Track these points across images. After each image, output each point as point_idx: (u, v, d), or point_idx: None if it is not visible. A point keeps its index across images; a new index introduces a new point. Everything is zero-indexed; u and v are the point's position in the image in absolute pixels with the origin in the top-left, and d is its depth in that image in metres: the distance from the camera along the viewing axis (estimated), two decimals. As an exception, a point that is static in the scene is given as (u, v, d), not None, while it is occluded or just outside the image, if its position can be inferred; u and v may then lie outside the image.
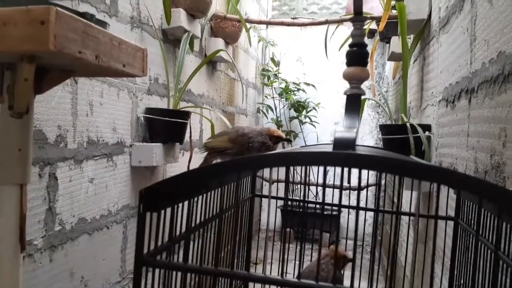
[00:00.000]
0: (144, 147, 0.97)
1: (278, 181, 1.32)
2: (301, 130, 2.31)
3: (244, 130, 0.94)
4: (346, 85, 0.50)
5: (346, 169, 0.33)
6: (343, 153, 0.32)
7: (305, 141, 2.32)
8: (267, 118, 2.29)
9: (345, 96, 0.51)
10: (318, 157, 0.32)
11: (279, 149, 2.64)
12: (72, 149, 0.78)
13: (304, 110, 2.25)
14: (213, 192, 0.50)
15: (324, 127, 2.35)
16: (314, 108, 2.24)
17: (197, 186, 0.42)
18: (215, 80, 1.58)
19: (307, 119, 2.26)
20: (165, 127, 1.01)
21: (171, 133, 1.02)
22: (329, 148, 0.40)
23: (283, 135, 0.95)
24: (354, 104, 0.48)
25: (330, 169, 2.11)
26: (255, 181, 0.75)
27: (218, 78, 1.61)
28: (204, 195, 0.46)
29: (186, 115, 1.05)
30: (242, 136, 0.92)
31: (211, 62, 1.52)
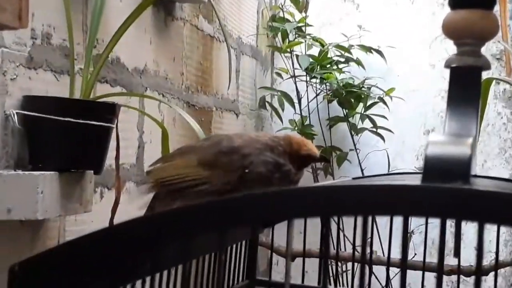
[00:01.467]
0: (19, 179, 0.98)
1: (304, 254, 1.29)
2: (354, 146, 2.33)
3: (233, 141, 0.95)
4: (448, 49, 0.50)
5: (449, 227, 0.33)
6: (447, 189, 0.32)
7: (361, 169, 2.33)
8: (280, 120, 2.31)
9: (446, 73, 0.51)
10: (392, 197, 0.32)
11: (305, 181, 2.68)
12: None
13: (361, 104, 2.28)
14: (164, 274, 0.50)
15: (401, 140, 2.36)
16: (380, 99, 2.27)
17: (127, 261, 0.42)
18: (171, 39, 1.60)
19: (367, 123, 2.28)
20: (65, 137, 1.03)
21: (77, 151, 1.05)
22: (414, 180, 0.40)
23: (316, 151, 0.96)
24: (466, 87, 0.48)
25: (415, 227, 2.10)
26: (256, 253, 0.75)
27: (177, 35, 1.64)
28: (145, 280, 0.46)
29: (109, 111, 1.07)
30: (228, 153, 0.94)
31: (163, 3, 1.54)
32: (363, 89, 2.27)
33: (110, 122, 1.06)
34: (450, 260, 1.43)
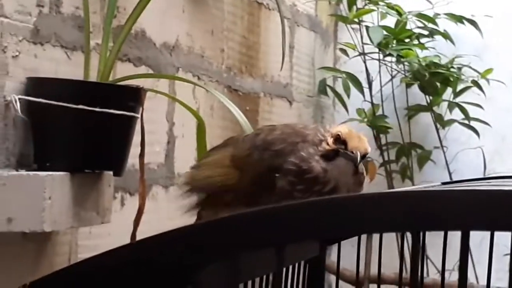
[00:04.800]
0: (21, 182, 0.98)
1: (379, 280, 1.27)
2: (440, 143, 2.31)
3: (271, 133, 0.95)
4: None
5: None
6: None
7: (449, 171, 2.31)
8: (345, 109, 2.30)
9: None
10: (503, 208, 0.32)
11: (376, 187, 2.65)
12: None
13: (449, 89, 2.26)
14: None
15: (501, 135, 2.34)
16: (475, 83, 2.24)
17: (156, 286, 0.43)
18: (209, 7, 1.61)
19: (456, 113, 2.26)
20: (78, 129, 1.03)
21: (93, 147, 1.05)
22: None
23: (361, 148, 0.90)
24: None
25: None
26: (323, 279, 0.75)
27: (217, 2, 1.64)
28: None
29: (132, 97, 1.07)
30: (261, 149, 0.94)
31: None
32: (452, 70, 2.24)
33: (134, 111, 1.06)
34: None
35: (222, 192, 0.97)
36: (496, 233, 0.84)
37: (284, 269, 0.79)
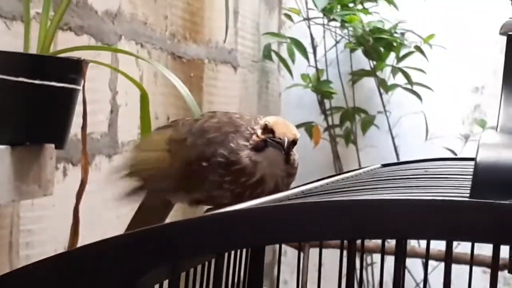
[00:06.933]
0: None
1: (321, 245, 1.29)
2: (384, 108, 2.33)
3: (210, 120, 0.95)
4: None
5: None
6: (503, 207, 0.32)
7: (392, 136, 2.33)
8: (290, 74, 2.31)
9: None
10: (432, 217, 0.33)
11: (323, 151, 2.62)
12: None
13: (392, 54, 2.28)
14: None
15: (443, 100, 2.36)
16: (417, 49, 2.27)
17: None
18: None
19: (400, 78, 2.28)
20: (18, 102, 1.03)
21: (34, 120, 1.04)
22: (461, 181, 0.40)
23: (289, 134, 0.90)
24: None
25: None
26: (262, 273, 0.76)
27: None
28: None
29: (74, 69, 1.06)
30: (196, 135, 0.94)
31: None
32: (395, 35, 2.26)
33: (75, 83, 1.05)
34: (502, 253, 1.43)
35: (157, 178, 0.97)
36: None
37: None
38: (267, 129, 0.89)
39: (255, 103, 2.27)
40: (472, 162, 0.39)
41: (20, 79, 1.00)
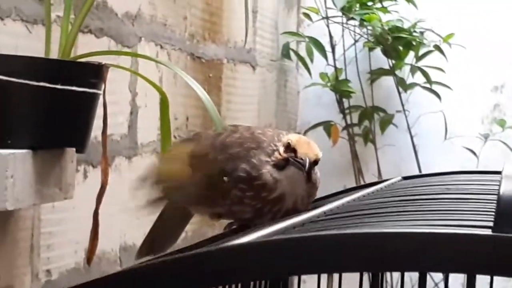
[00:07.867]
0: None
1: None
2: (402, 107, 2.32)
3: (232, 135, 0.94)
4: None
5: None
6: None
7: (411, 135, 2.32)
8: (309, 73, 2.30)
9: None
10: (451, 251, 0.32)
11: (341, 151, 2.60)
12: None
13: (411, 53, 2.27)
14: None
15: (462, 99, 2.35)
16: (437, 48, 2.26)
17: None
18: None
19: (418, 77, 2.27)
20: (39, 107, 1.03)
21: (55, 124, 1.04)
22: (485, 205, 0.40)
23: (310, 155, 0.90)
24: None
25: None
26: None
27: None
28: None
29: (95, 74, 1.06)
30: (216, 150, 0.94)
31: None
32: (414, 34, 2.25)
33: (96, 87, 1.05)
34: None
35: (178, 191, 0.97)
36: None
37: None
38: (289, 148, 0.89)
39: (274, 102, 2.27)
40: (495, 176, 0.38)
41: (42, 84, 1.00)
